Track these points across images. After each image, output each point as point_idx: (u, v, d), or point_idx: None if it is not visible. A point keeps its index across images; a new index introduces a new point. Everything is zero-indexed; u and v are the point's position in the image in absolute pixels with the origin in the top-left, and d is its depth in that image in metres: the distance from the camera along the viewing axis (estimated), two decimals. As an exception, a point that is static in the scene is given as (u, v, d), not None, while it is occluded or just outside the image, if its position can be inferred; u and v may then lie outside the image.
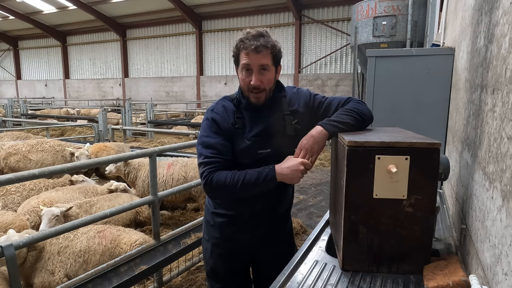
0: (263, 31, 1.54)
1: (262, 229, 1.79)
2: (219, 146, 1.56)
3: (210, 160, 1.54)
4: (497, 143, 1.07)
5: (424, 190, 1.25)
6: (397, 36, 9.37)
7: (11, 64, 28.21)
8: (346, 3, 16.32)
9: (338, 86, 17.23)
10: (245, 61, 1.53)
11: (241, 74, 1.58)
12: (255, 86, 1.55)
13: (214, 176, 1.51)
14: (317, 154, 1.49)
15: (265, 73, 1.56)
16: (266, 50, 1.52)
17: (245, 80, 1.57)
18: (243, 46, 1.53)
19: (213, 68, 20.42)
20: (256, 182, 1.49)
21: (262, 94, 1.59)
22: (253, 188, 1.50)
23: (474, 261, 1.25)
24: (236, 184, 1.49)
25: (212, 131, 1.59)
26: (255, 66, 1.53)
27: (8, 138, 7.10)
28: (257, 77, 1.54)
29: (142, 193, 4.56)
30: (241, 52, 1.54)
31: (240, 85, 1.64)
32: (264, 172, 1.49)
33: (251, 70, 1.54)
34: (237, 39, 1.56)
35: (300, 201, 5.85)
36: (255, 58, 1.52)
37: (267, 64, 1.55)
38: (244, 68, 1.55)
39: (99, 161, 2.77)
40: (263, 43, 1.51)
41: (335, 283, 1.28)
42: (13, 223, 3.11)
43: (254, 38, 1.51)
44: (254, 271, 1.97)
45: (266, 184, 1.49)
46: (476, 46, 1.61)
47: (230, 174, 1.51)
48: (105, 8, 20.71)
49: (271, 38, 1.55)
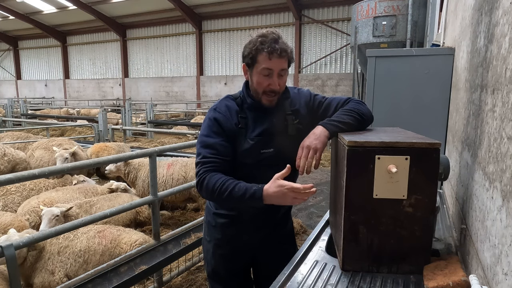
0: (278, 33, 1.53)
1: (263, 230, 1.79)
2: (218, 146, 1.55)
3: (207, 160, 1.53)
4: (497, 143, 1.07)
5: (424, 190, 1.25)
6: (397, 36, 9.36)
7: (11, 64, 28.21)
8: (346, 3, 16.32)
9: (338, 86, 17.23)
10: (267, 65, 1.51)
11: (258, 76, 1.55)
12: (275, 90, 1.55)
13: (207, 177, 1.49)
14: (320, 151, 1.46)
15: (283, 77, 1.56)
16: (286, 55, 1.52)
17: (262, 83, 1.55)
18: (265, 49, 1.49)
19: (213, 68, 20.42)
20: (242, 197, 1.42)
21: (276, 97, 1.58)
22: (238, 202, 1.45)
23: (474, 261, 1.25)
24: (223, 193, 1.44)
25: (213, 131, 1.58)
26: (276, 71, 1.52)
27: (9, 138, 7.10)
28: (277, 81, 1.54)
29: (142, 193, 4.56)
30: (261, 54, 1.50)
31: (251, 86, 1.62)
32: (252, 189, 1.41)
33: (271, 74, 1.53)
34: (252, 40, 1.52)
35: (300, 201, 5.84)
36: (278, 62, 1.51)
37: (285, 68, 1.55)
38: (264, 72, 1.53)
39: (99, 161, 2.77)
40: (284, 47, 1.50)
41: (335, 283, 1.28)
42: (12, 224, 3.11)
43: (274, 41, 1.49)
44: (255, 271, 1.96)
45: (252, 202, 1.41)
46: (476, 46, 1.61)
47: (220, 180, 1.46)
48: (105, 8, 20.71)
49: (285, 41, 1.54)
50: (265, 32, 1.52)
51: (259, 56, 1.51)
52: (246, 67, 1.60)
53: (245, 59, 1.58)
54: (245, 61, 1.58)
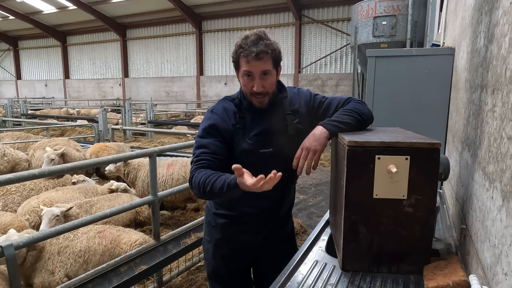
0: (261, 34, 1.51)
1: (263, 230, 1.79)
2: (211, 146, 1.56)
3: (198, 158, 1.55)
4: (497, 143, 1.07)
5: (424, 190, 1.25)
6: (397, 36, 9.37)
7: (11, 64, 28.20)
8: (346, 3, 16.32)
9: (338, 86, 17.23)
10: (246, 68, 1.52)
11: (243, 79, 1.57)
12: (258, 92, 1.55)
13: (195, 174, 1.50)
14: (319, 153, 1.47)
15: (267, 77, 1.55)
16: (267, 55, 1.50)
17: (247, 86, 1.56)
18: (243, 53, 1.50)
19: (213, 68, 20.42)
20: (221, 189, 1.39)
21: (265, 98, 1.58)
22: (219, 194, 1.42)
23: (474, 261, 1.25)
24: (206, 187, 1.43)
25: (207, 132, 1.59)
26: (256, 73, 1.52)
27: (9, 138, 7.11)
28: (259, 82, 1.53)
29: (142, 193, 4.56)
30: (241, 58, 1.52)
31: (242, 90, 1.64)
32: (229, 179, 1.39)
33: (253, 76, 1.53)
34: (236, 44, 1.54)
35: (300, 201, 5.85)
36: (256, 65, 1.50)
37: (268, 69, 1.53)
38: (245, 74, 1.54)
39: (99, 161, 2.77)
40: (263, 48, 1.49)
41: (335, 283, 1.28)
42: (12, 224, 3.11)
43: (253, 43, 1.49)
44: (256, 271, 1.96)
45: (231, 191, 1.38)
46: (476, 46, 1.61)
47: (205, 176, 1.45)
48: (105, 8, 20.71)
49: (270, 40, 1.53)
50: (248, 34, 1.52)
51: (240, 60, 1.53)
52: (236, 71, 1.63)
53: (233, 63, 1.61)
54: (234, 66, 1.62)
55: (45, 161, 4.86)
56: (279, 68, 1.63)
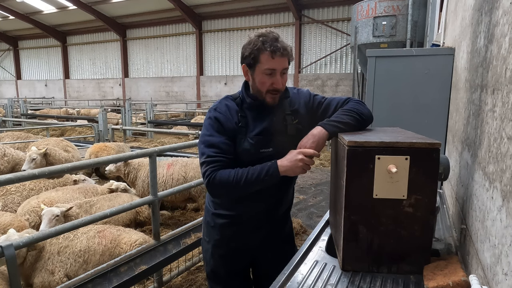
0: (276, 33, 1.55)
1: (262, 230, 1.79)
2: (222, 145, 1.56)
3: (213, 159, 1.53)
4: (497, 143, 1.07)
5: (424, 190, 1.25)
6: (397, 36, 9.37)
7: (11, 64, 28.20)
8: (346, 3, 16.31)
9: (338, 86, 17.23)
10: (270, 66, 1.51)
11: (261, 76, 1.55)
12: (278, 89, 1.56)
13: (217, 174, 1.50)
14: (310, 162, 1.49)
15: (284, 76, 1.58)
16: (288, 54, 1.54)
17: (265, 83, 1.55)
18: (267, 48, 1.49)
19: (213, 68, 20.42)
20: (258, 177, 1.48)
21: (278, 95, 1.60)
22: (256, 183, 1.50)
23: (474, 261, 1.25)
24: (240, 180, 1.48)
25: (215, 130, 1.58)
26: (279, 69, 1.53)
27: (9, 138, 7.10)
28: (280, 80, 1.55)
29: (142, 193, 4.56)
30: (263, 54, 1.50)
31: (248, 85, 1.63)
32: (266, 166, 1.49)
33: (274, 73, 1.53)
34: (252, 40, 1.52)
35: (300, 201, 5.85)
36: (281, 61, 1.52)
37: (287, 67, 1.57)
38: (267, 71, 1.53)
39: (99, 161, 2.77)
40: (285, 45, 1.52)
41: (335, 283, 1.28)
42: (12, 224, 3.11)
43: (275, 40, 1.51)
44: (255, 271, 1.96)
45: (270, 178, 1.49)
46: (476, 46, 1.61)
47: (233, 172, 1.51)
48: (105, 8, 20.71)
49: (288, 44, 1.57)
50: (265, 32, 1.53)
51: (261, 55, 1.51)
52: (247, 68, 1.59)
53: (245, 59, 1.56)
54: (245, 62, 1.57)
55: (27, 160, 4.81)
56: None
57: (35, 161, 4.81)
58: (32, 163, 4.79)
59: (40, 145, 5.37)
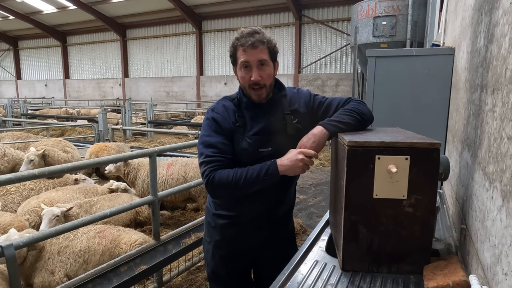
0: (257, 29, 1.55)
1: (263, 231, 1.79)
2: (220, 145, 1.56)
3: (211, 159, 1.54)
4: (497, 143, 1.07)
5: (424, 190, 1.25)
6: (397, 36, 9.37)
7: (11, 64, 28.20)
8: (346, 3, 16.32)
9: (338, 86, 17.23)
10: (244, 58, 1.54)
11: (240, 72, 1.58)
12: (256, 81, 1.55)
13: (216, 174, 1.51)
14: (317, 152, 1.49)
15: (264, 68, 1.56)
16: (263, 45, 1.53)
17: (244, 78, 1.57)
18: (239, 43, 1.53)
19: (213, 68, 20.42)
20: (258, 176, 1.48)
21: (263, 90, 1.59)
22: (255, 183, 1.49)
23: (474, 261, 1.25)
24: (239, 180, 1.48)
25: (213, 130, 1.59)
26: (253, 62, 1.54)
27: (9, 138, 7.10)
28: (257, 72, 1.55)
29: (142, 193, 4.56)
30: (238, 49, 1.55)
31: (240, 84, 1.64)
32: (266, 165, 1.49)
33: (250, 66, 1.55)
34: (233, 39, 1.58)
35: (300, 201, 5.85)
36: (253, 53, 1.52)
37: (265, 59, 1.55)
38: (242, 65, 1.56)
39: (99, 161, 2.77)
40: (259, 38, 1.52)
41: (335, 283, 1.28)
42: (12, 224, 3.11)
43: (249, 35, 1.52)
44: (256, 272, 1.96)
45: (269, 177, 1.48)
46: (476, 46, 1.61)
47: (232, 172, 1.51)
48: (105, 8, 20.71)
49: (266, 35, 1.56)
50: (244, 29, 1.56)
51: (237, 52, 1.56)
52: (234, 67, 1.63)
53: (230, 59, 1.62)
54: (231, 61, 1.63)
55: (24, 162, 4.80)
56: (277, 63, 1.64)
57: (33, 162, 4.80)
58: (30, 164, 4.78)
59: (39, 146, 5.37)
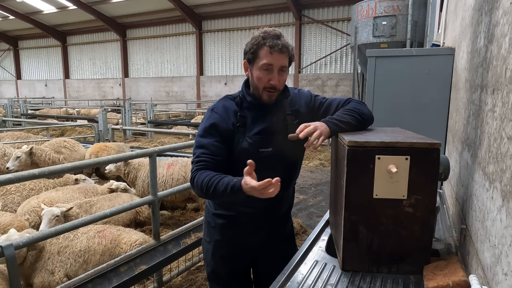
0: (278, 32, 1.54)
1: (263, 231, 1.79)
2: (210, 147, 1.56)
3: (198, 159, 1.55)
4: (497, 143, 1.07)
5: (424, 190, 1.25)
6: (397, 36, 9.37)
7: (11, 64, 28.19)
8: (346, 3, 16.32)
9: (338, 86, 17.23)
10: (268, 61, 1.51)
11: (259, 72, 1.55)
12: (275, 86, 1.55)
13: (197, 175, 1.52)
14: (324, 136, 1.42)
15: (283, 74, 1.56)
16: (288, 52, 1.53)
17: (262, 79, 1.55)
18: (266, 44, 1.50)
19: (213, 68, 20.42)
20: (224, 191, 1.41)
21: (275, 93, 1.59)
22: (222, 196, 1.44)
23: (474, 261, 1.25)
24: (209, 189, 1.45)
25: (207, 131, 1.60)
26: (277, 67, 1.53)
27: (9, 138, 7.11)
28: (277, 77, 1.54)
29: (142, 193, 4.56)
30: (262, 49, 1.51)
31: (252, 83, 1.61)
32: (232, 182, 1.40)
33: (272, 69, 1.53)
34: (255, 36, 1.54)
35: (300, 201, 5.85)
36: (279, 58, 1.51)
37: (286, 65, 1.55)
38: (264, 67, 1.53)
39: (99, 161, 2.77)
40: (285, 43, 1.52)
41: (335, 283, 1.28)
42: (12, 224, 3.11)
43: (276, 37, 1.51)
44: (255, 272, 1.96)
45: (234, 194, 1.39)
46: (476, 46, 1.61)
47: (208, 177, 1.47)
48: (105, 8, 20.71)
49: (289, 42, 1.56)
50: (268, 29, 1.54)
51: (261, 51, 1.52)
52: (247, 64, 1.60)
53: (246, 55, 1.58)
54: (246, 57, 1.59)
55: (12, 158, 4.96)
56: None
57: (20, 159, 4.93)
58: (17, 161, 4.92)
59: (42, 145, 5.41)
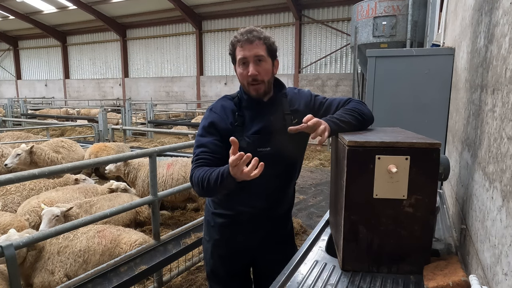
0: (254, 27, 1.58)
1: (262, 230, 1.79)
2: (210, 145, 1.58)
3: (198, 157, 1.57)
4: (497, 143, 1.07)
5: (424, 190, 1.25)
6: (397, 36, 9.37)
7: (11, 64, 28.19)
8: (346, 3, 16.31)
9: (338, 86, 17.22)
10: (241, 55, 1.55)
11: (239, 69, 1.59)
12: (253, 76, 1.55)
13: (195, 172, 1.53)
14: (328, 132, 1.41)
15: (261, 63, 1.57)
16: (259, 41, 1.55)
17: (243, 74, 1.58)
18: (236, 40, 1.56)
19: (213, 68, 20.42)
20: (217, 181, 1.40)
21: (261, 85, 1.59)
22: (216, 187, 1.42)
23: (474, 261, 1.25)
24: (204, 182, 1.45)
25: (206, 131, 1.61)
26: (250, 57, 1.54)
27: (9, 138, 7.11)
28: (254, 67, 1.55)
29: (142, 193, 4.56)
30: (236, 47, 1.57)
31: (240, 82, 1.65)
32: (222, 169, 1.40)
33: (248, 62, 1.56)
34: (232, 38, 1.60)
35: (300, 201, 5.85)
36: (249, 48, 1.54)
37: (262, 54, 1.56)
38: (241, 62, 1.57)
39: (99, 161, 2.77)
40: (256, 34, 1.55)
41: (335, 283, 1.28)
42: (12, 224, 3.11)
43: (246, 32, 1.55)
44: (255, 271, 1.96)
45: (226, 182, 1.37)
46: (476, 46, 1.61)
47: (203, 172, 1.47)
48: (105, 8, 20.70)
49: (265, 33, 1.58)
50: (242, 29, 1.58)
51: (236, 50, 1.57)
52: (234, 66, 1.65)
53: (231, 58, 1.64)
54: (231, 60, 1.64)
55: (11, 155, 4.96)
56: (276, 61, 1.65)
57: (19, 156, 4.93)
58: (16, 158, 4.91)
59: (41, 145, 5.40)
